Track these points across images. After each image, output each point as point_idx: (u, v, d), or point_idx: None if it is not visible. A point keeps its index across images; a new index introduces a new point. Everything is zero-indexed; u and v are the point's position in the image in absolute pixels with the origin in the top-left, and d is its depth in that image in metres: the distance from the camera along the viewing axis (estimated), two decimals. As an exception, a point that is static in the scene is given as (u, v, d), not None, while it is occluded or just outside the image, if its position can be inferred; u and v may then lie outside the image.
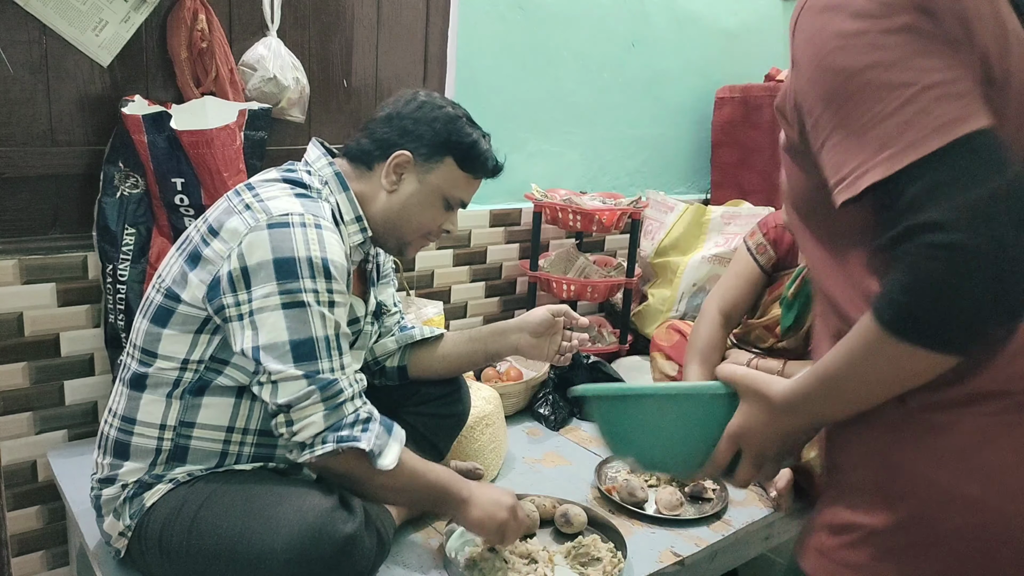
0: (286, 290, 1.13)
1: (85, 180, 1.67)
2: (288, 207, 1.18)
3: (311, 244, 1.15)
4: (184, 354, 1.20)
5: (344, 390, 1.16)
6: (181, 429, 1.22)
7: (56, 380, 1.69)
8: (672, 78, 2.73)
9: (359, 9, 1.98)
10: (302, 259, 1.14)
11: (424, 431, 1.54)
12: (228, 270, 1.15)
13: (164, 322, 1.20)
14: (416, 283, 2.23)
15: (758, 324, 1.88)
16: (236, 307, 1.15)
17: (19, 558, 1.71)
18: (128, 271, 1.65)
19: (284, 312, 1.13)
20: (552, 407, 2.04)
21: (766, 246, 1.89)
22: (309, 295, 1.14)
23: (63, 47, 1.59)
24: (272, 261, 1.13)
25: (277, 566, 1.10)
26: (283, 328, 1.13)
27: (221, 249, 1.16)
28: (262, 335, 1.13)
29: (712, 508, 1.62)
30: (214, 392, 1.22)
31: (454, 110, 1.34)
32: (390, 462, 1.17)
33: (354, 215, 1.31)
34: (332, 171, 1.31)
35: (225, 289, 1.15)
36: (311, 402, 1.14)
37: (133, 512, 1.22)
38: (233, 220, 1.17)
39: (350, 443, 1.14)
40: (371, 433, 1.17)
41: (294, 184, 1.26)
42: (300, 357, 1.13)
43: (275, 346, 1.13)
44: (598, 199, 2.42)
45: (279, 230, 1.14)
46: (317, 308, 1.14)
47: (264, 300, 1.13)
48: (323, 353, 1.15)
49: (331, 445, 1.14)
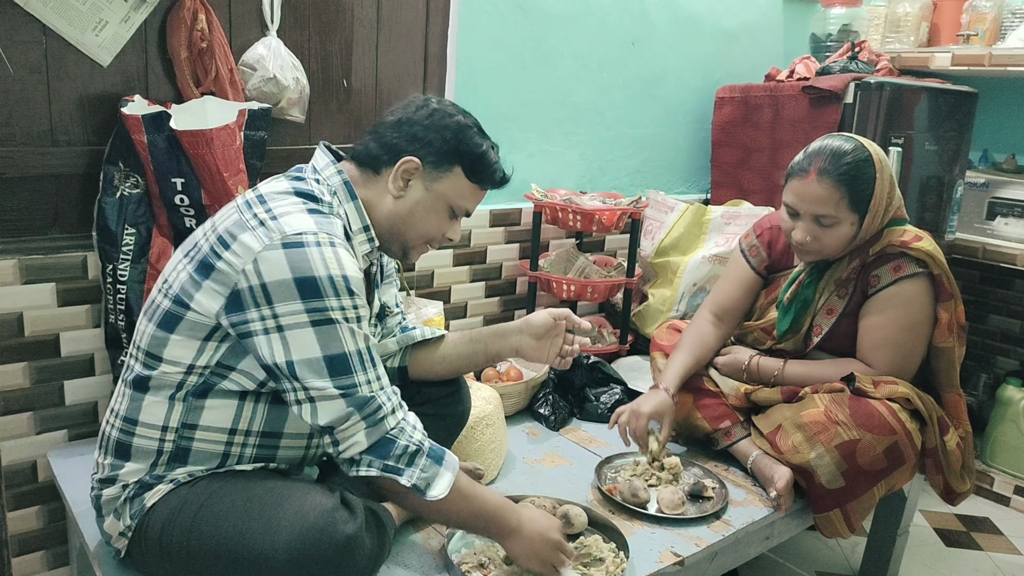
0: (313, 308, 1.13)
1: (85, 180, 1.67)
2: (302, 225, 1.17)
3: (329, 263, 1.14)
4: (190, 360, 1.20)
5: (383, 405, 1.18)
6: (183, 431, 1.22)
7: (56, 380, 1.69)
8: (672, 78, 2.73)
9: (359, 9, 1.98)
10: (323, 278, 1.13)
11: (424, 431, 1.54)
12: (248, 285, 1.14)
13: (171, 327, 1.20)
14: (416, 283, 2.23)
15: (755, 327, 1.89)
16: (261, 321, 1.14)
17: (19, 558, 1.71)
18: (128, 271, 1.65)
19: (314, 329, 1.13)
20: (552, 407, 2.04)
21: (759, 248, 1.89)
22: (336, 312, 1.14)
23: (63, 47, 1.59)
24: (293, 280, 1.13)
25: (278, 566, 1.10)
26: (315, 344, 1.13)
27: (235, 263, 1.15)
28: (295, 351, 1.13)
29: (712, 507, 1.62)
30: (217, 395, 1.22)
31: (465, 119, 1.33)
32: (438, 493, 1.19)
33: (362, 224, 1.31)
34: (340, 180, 1.30)
35: (248, 304, 1.14)
36: (352, 423, 1.15)
37: (133, 512, 1.22)
38: (246, 235, 1.16)
39: (392, 475, 1.17)
40: (416, 468, 1.18)
41: (305, 197, 1.24)
42: (336, 372, 1.14)
43: (310, 362, 1.13)
44: (598, 199, 2.42)
45: (295, 250, 1.14)
46: (346, 325, 1.15)
47: (292, 317, 1.13)
48: (358, 367, 1.16)
49: (375, 471, 1.17)
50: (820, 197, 1.63)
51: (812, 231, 1.66)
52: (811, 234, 1.67)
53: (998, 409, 2.74)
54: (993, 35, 2.73)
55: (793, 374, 1.77)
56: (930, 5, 2.90)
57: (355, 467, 1.18)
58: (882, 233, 1.70)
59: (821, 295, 1.76)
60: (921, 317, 1.70)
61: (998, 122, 3.04)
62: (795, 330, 1.79)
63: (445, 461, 1.22)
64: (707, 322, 1.89)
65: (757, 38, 2.93)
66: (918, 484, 2.04)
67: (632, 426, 1.70)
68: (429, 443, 1.21)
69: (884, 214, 1.69)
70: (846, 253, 1.73)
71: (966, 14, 2.79)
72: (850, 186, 1.62)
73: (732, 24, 2.84)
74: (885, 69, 2.63)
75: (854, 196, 1.63)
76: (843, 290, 1.75)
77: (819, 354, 1.80)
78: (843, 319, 1.75)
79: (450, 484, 1.20)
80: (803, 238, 1.67)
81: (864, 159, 1.64)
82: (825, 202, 1.63)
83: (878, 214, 1.67)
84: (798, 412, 1.67)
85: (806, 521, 1.75)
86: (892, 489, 1.66)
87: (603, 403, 2.09)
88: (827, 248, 1.68)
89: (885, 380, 1.66)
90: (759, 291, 1.90)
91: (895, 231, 1.70)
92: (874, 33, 2.95)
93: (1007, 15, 2.73)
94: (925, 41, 2.92)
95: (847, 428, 1.59)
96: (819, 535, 1.78)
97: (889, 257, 1.70)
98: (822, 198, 1.63)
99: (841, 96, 2.37)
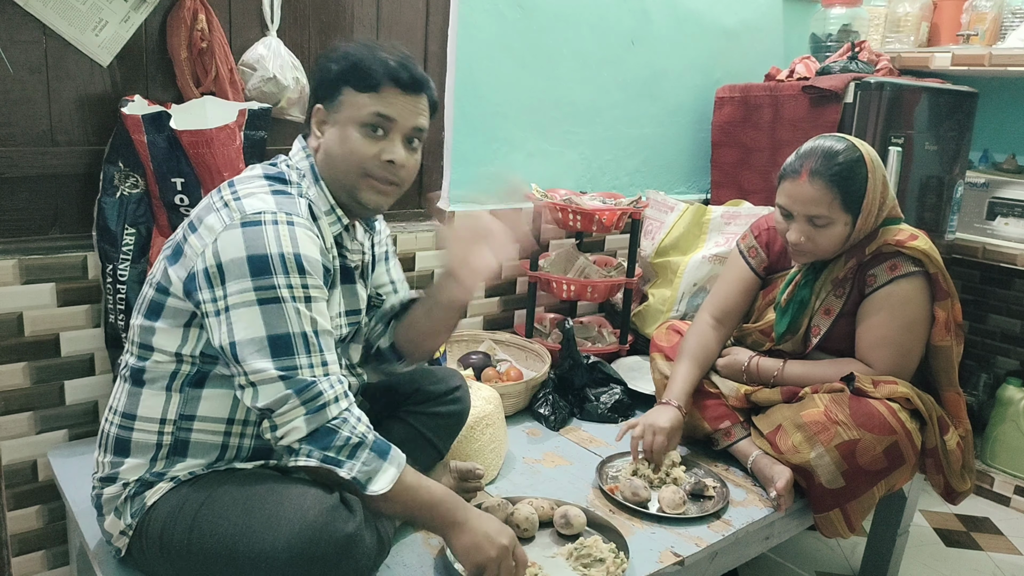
0: (260, 286, 1.13)
1: (85, 180, 1.67)
2: (262, 205, 1.18)
3: (283, 240, 1.15)
4: (176, 348, 1.21)
5: (324, 392, 1.15)
6: (181, 423, 1.23)
7: (56, 380, 1.69)
8: (672, 77, 2.73)
9: (359, 9, 1.98)
10: (274, 255, 1.14)
11: (424, 431, 1.54)
12: (204, 266, 1.15)
13: (156, 316, 1.21)
14: (416, 283, 2.23)
15: (754, 328, 1.89)
16: (213, 303, 1.15)
17: (19, 558, 1.71)
18: (128, 271, 1.65)
19: (260, 308, 1.13)
20: (552, 407, 2.04)
21: (758, 249, 1.89)
22: (284, 290, 1.14)
23: (63, 47, 1.59)
24: (246, 259, 1.13)
25: (278, 565, 1.10)
26: (260, 323, 1.13)
27: (196, 245, 1.17)
28: (238, 330, 1.13)
29: (713, 506, 1.62)
30: (214, 383, 1.23)
31: (344, 47, 1.28)
32: (379, 488, 1.16)
33: (328, 206, 1.30)
34: (308, 164, 1.30)
35: (201, 284, 1.15)
36: (290, 406, 1.13)
37: (134, 511, 1.22)
38: (211, 217, 1.18)
39: (332, 466, 1.14)
40: (357, 461, 1.15)
41: (273, 180, 1.26)
42: (277, 352, 1.13)
43: (252, 341, 1.13)
44: (598, 199, 2.42)
45: (252, 228, 1.15)
46: (292, 304, 1.14)
47: (239, 296, 1.13)
48: (300, 349, 1.14)
49: (315, 461, 1.14)
50: (813, 198, 1.63)
51: (806, 232, 1.67)
52: (805, 235, 1.67)
53: (998, 409, 2.74)
54: (993, 35, 2.73)
55: (793, 374, 1.77)
56: (930, 5, 2.90)
57: (293, 456, 1.15)
58: (877, 232, 1.71)
59: (818, 296, 1.77)
60: (919, 316, 1.70)
61: (998, 122, 3.04)
62: (793, 331, 1.79)
63: (390, 456, 1.19)
64: (707, 326, 1.88)
65: (757, 38, 2.93)
66: (918, 484, 2.04)
67: (648, 441, 1.68)
68: (374, 436, 1.19)
69: (878, 213, 1.69)
70: (841, 253, 1.73)
71: (966, 14, 2.79)
72: (842, 186, 1.62)
73: (732, 24, 2.84)
74: (885, 69, 2.63)
75: (847, 196, 1.63)
76: (840, 290, 1.75)
77: (819, 355, 1.80)
78: (841, 319, 1.75)
79: (393, 479, 1.17)
80: (797, 239, 1.67)
81: (856, 159, 1.64)
82: (818, 203, 1.63)
83: (871, 213, 1.67)
84: (798, 412, 1.67)
85: (806, 521, 1.75)
86: (892, 489, 1.66)
87: (603, 403, 2.09)
88: (821, 248, 1.69)
89: (885, 380, 1.66)
90: (758, 292, 1.90)
91: (891, 230, 1.71)
92: (874, 33, 2.95)
93: (1007, 15, 2.73)
94: (925, 41, 2.92)
95: (847, 428, 1.59)
96: (819, 535, 1.78)
97: (885, 256, 1.70)
98: (815, 199, 1.63)
99: (841, 96, 2.37)
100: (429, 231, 2.22)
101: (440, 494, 1.23)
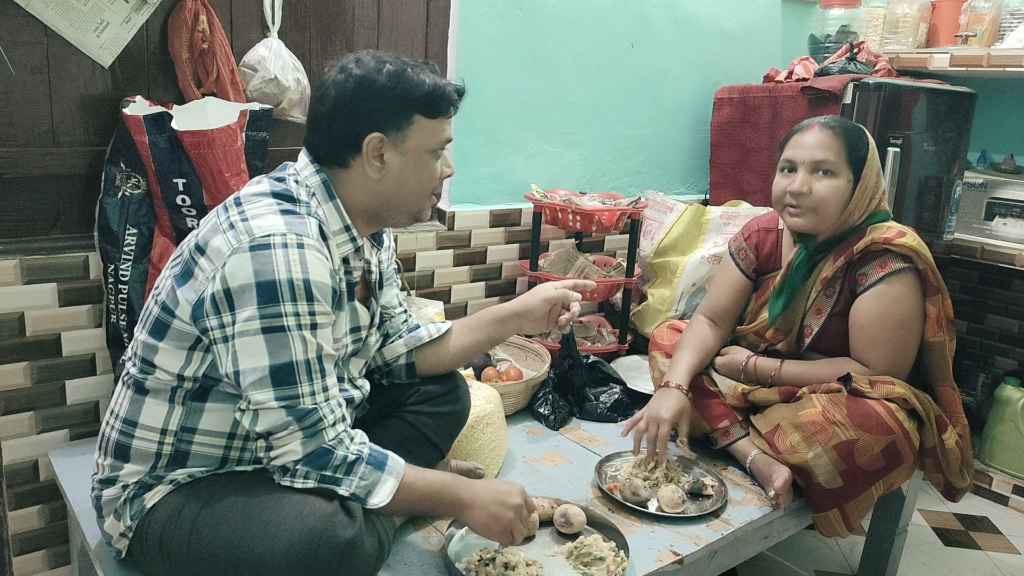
0: (266, 314, 1.12)
1: (86, 180, 1.67)
2: (271, 227, 1.15)
3: (292, 266, 1.13)
4: (178, 369, 1.20)
5: (324, 417, 1.16)
6: (182, 434, 1.23)
7: (57, 380, 1.69)
8: (671, 79, 2.74)
9: (359, 10, 1.98)
10: (283, 281, 1.12)
11: (424, 430, 1.53)
12: (212, 292, 1.14)
13: (161, 335, 1.20)
14: (416, 283, 2.23)
15: (748, 330, 1.89)
16: (220, 329, 1.14)
17: (20, 557, 1.71)
18: (130, 271, 1.65)
19: (264, 337, 1.12)
20: (552, 406, 2.04)
21: (747, 251, 1.90)
22: (290, 319, 1.13)
23: (64, 48, 1.60)
24: (254, 285, 1.12)
25: (278, 570, 1.10)
26: (263, 353, 1.12)
27: (207, 268, 1.16)
28: (242, 360, 1.13)
29: (712, 505, 1.62)
30: (216, 398, 1.22)
31: (392, 65, 1.25)
32: (380, 500, 1.18)
33: (341, 225, 1.28)
34: (319, 180, 1.27)
35: (209, 311, 1.14)
36: (289, 431, 1.14)
37: (134, 513, 1.22)
38: (217, 239, 1.16)
39: (330, 486, 1.16)
40: (355, 476, 1.17)
41: (281, 198, 1.23)
42: (279, 382, 1.13)
43: (254, 371, 1.13)
44: (598, 199, 2.43)
45: (261, 252, 1.13)
46: (298, 332, 1.14)
47: (245, 324, 1.12)
48: (303, 377, 1.14)
49: (312, 483, 1.16)
50: (822, 142, 1.71)
51: (808, 181, 1.70)
52: (807, 184, 1.70)
53: (996, 409, 2.74)
54: (991, 36, 2.73)
55: (790, 374, 1.78)
56: (928, 6, 2.91)
57: (288, 476, 1.16)
58: (865, 230, 1.72)
59: (809, 296, 1.77)
60: (911, 313, 1.70)
61: (996, 122, 3.04)
62: (790, 312, 1.79)
63: (388, 467, 1.20)
64: (705, 325, 1.90)
65: (756, 39, 2.94)
66: (916, 483, 2.05)
67: (652, 433, 1.68)
68: (369, 449, 1.20)
69: (872, 195, 1.73)
70: (832, 237, 1.73)
71: (964, 15, 2.79)
72: (849, 139, 1.72)
73: (731, 25, 2.84)
74: (884, 70, 2.63)
75: (852, 151, 1.71)
76: (830, 289, 1.75)
77: (813, 355, 1.81)
78: (832, 319, 1.75)
79: (393, 490, 1.19)
80: (800, 187, 1.70)
81: (861, 129, 1.76)
82: (826, 147, 1.70)
83: (867, 188, 1.71)
84: (796, 412, 1.67)
85: (805, 520, 1.75)
86: (890, 488, 1.66)
87: (603, 403, 2.10)
88: (821, 205, 1.70)
89: (882, 380, 1.67)
90: (750, 294, 1.91)
91: (879, 227, 1.72)
92: (873, 34, 2.96)
93: (1005, 16, 2.73)
94: (923, 42, 2.93)
95: (845, 428, 1.60)
96: (818, 534, 1.78)
97: (874, 255, 1.71)
98: (823, 143, 1.71)
99: (840, 97, 2.37)
100: (429, 231, 2.23)
101: (440, 483, 1.26)
